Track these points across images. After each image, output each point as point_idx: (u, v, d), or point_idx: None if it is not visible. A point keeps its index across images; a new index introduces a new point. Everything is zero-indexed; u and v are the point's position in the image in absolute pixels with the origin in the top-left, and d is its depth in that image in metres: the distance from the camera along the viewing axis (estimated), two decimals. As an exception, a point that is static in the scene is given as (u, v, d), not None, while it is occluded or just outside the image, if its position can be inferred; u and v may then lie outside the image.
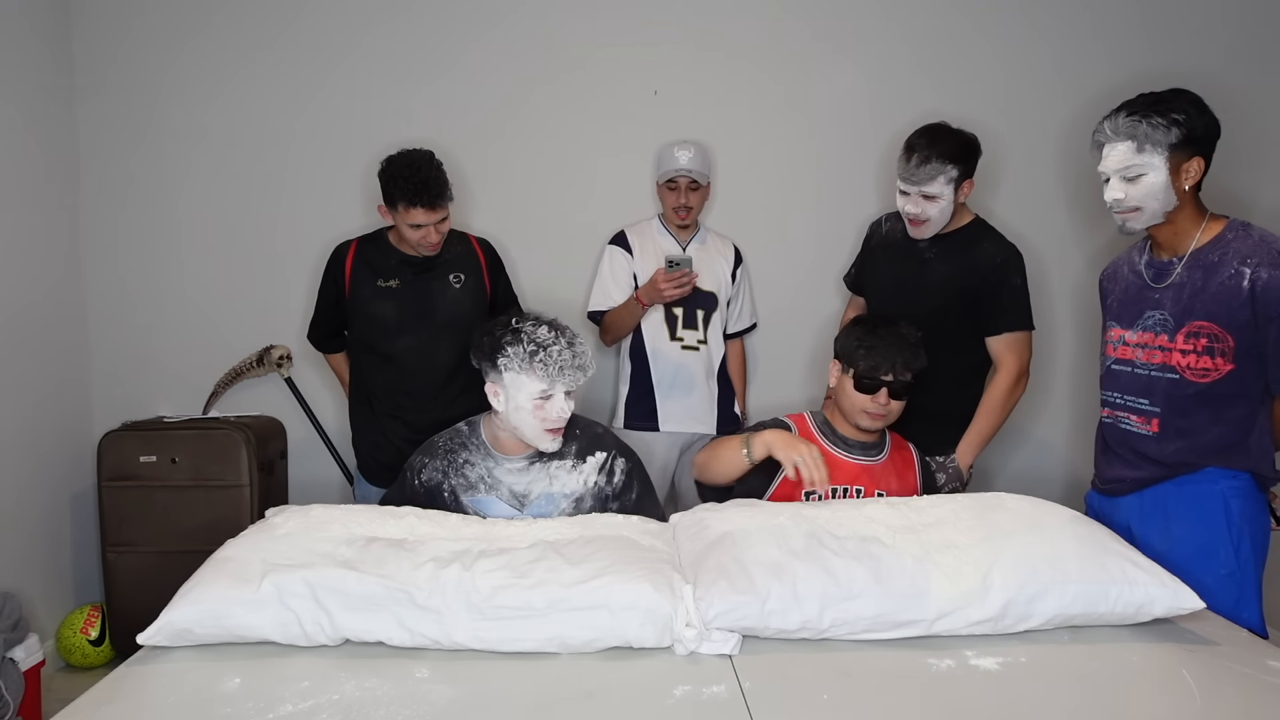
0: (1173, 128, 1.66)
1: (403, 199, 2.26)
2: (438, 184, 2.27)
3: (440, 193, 2.28)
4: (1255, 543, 1.73)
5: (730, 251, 2.84)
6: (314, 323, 2.62)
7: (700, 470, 2.04)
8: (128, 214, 3.02)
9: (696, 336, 2.70)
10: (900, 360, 1.95)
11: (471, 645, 1.41)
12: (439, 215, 2.30)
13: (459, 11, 3.00)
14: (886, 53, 3.03)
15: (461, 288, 2.48)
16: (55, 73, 2.90)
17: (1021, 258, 2.30)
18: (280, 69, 3.00)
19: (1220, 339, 1.68)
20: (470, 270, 2.51)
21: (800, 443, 1.84)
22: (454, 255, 2.49)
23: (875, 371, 1.94)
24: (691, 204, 2.71)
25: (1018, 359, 2.29)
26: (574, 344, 1.88)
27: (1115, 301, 1.91)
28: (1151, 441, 1.79)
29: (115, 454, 2.78)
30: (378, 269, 2.44)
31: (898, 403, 1.98)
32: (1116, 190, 1.73)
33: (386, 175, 2.30)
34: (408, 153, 2.31)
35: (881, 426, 2.01)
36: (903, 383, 1.96)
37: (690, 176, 2.66)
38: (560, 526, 1.71)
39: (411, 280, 2.43)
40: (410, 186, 2.24)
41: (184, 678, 1.36)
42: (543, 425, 1.86)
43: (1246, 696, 1.29)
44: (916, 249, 2.32)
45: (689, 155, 2.67)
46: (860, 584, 1.45)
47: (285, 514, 1.75)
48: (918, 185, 2.17)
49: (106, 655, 2.85)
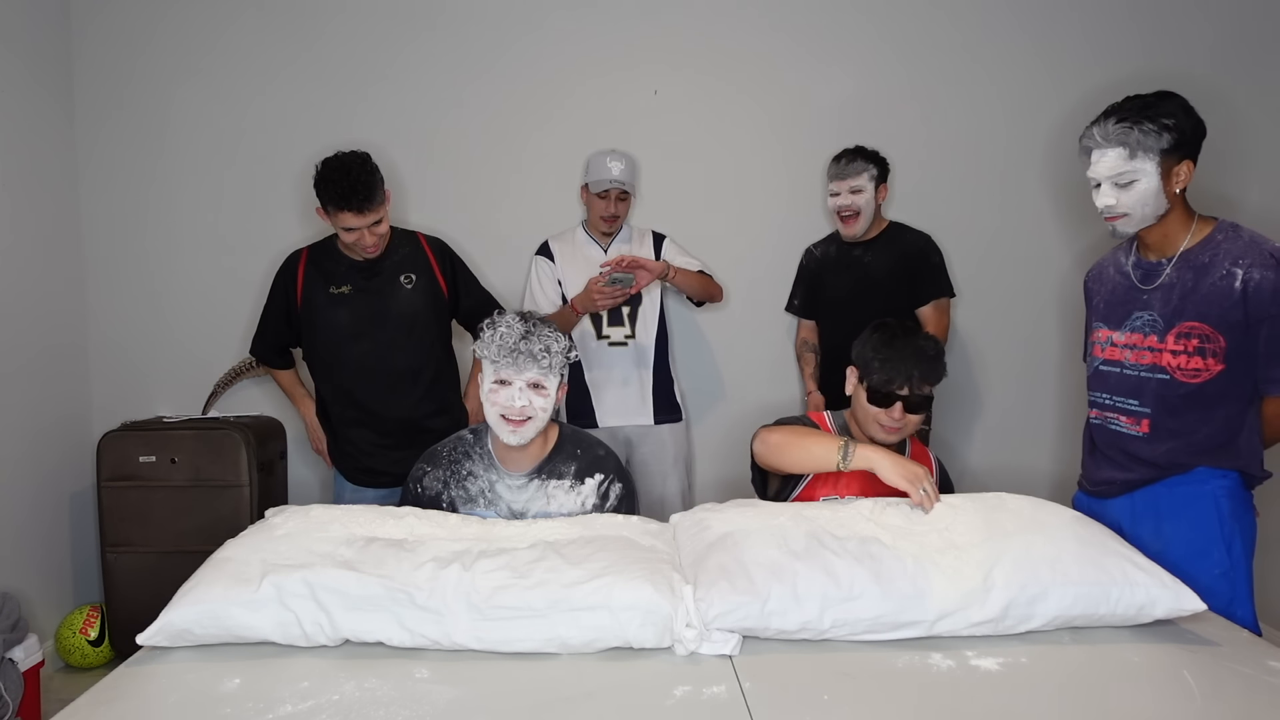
0: (1164, 133, 1.66)
1: (332, 203, 2.25)
2: (366, 187, 2.24)
3: (369, 196, 2.25)
4: (1246, 541, 1.75)
5: (649, 240, 2.88)
6: (259, 335, 2.61)
7: (771, 450, 1.88)
8: (128, 214, 3.02)
9: (623, 332, 2.77)
10: (918, 373, 1.84)
11: (471, 645, 1.41)
12: (370, 218, 2.28)
13: (460, 11, 3.01)
14: (879, 56, 3.05)
15: (413, 288, 2.47)
16: (55, 73, 2.90)
17: (933, 240, 2.78)
18: (280, 69, 3.00)
19: (1211, 339, 1.69)
20: (420, 269, 2.49)
21: (913, 465, 1.70)
22: (402, 256, 2.48)
23: (889, 385, 1.85)
24: (620, 213, 2.79)
25: (939, 324, 2.74)
26: (532, 332, 1.84)
27: (1101, 302, 1.91)
28: (1142, 442, 1.79)
29: (115, 454, 2.78)
30: (329, 276, 2.43)
31: (914, 416, 1.88)
32: (1108, 196, 1.73)
33: (318, 178, 2.28)
34: (341, 156, 2.28)
35: (896, 440, 1.91)
36: (920, 396, 1.86)
37: (621, 187, 2.74)
38: (560, 527, 1.71)
39: (363, 285, 2.43)
40: (339, 190, 2.22)
41: (184, 678, 1.36)
42: (498, 412, 1.84)
43: (1247, 697, 1.28)
44: (854, 257, 2.77)
45: (621, 167, 2.75)
46: (861, 585, 1.45)
47: (285, 514, 1.74)
48: (846, 180, 2.67)
49: (106, 655, 2.85)
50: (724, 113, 3.06)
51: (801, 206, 3.08)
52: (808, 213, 3.07)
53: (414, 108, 3.02)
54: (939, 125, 3.06)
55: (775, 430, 1.91)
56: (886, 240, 2.77)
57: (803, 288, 2.95)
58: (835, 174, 2.70)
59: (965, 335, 3.11)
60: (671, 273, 2.64)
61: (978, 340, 3.13)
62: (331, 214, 2.29)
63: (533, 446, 1.90)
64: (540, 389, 1.84)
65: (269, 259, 3.02)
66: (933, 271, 2.75)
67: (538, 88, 3.04)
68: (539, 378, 1.83)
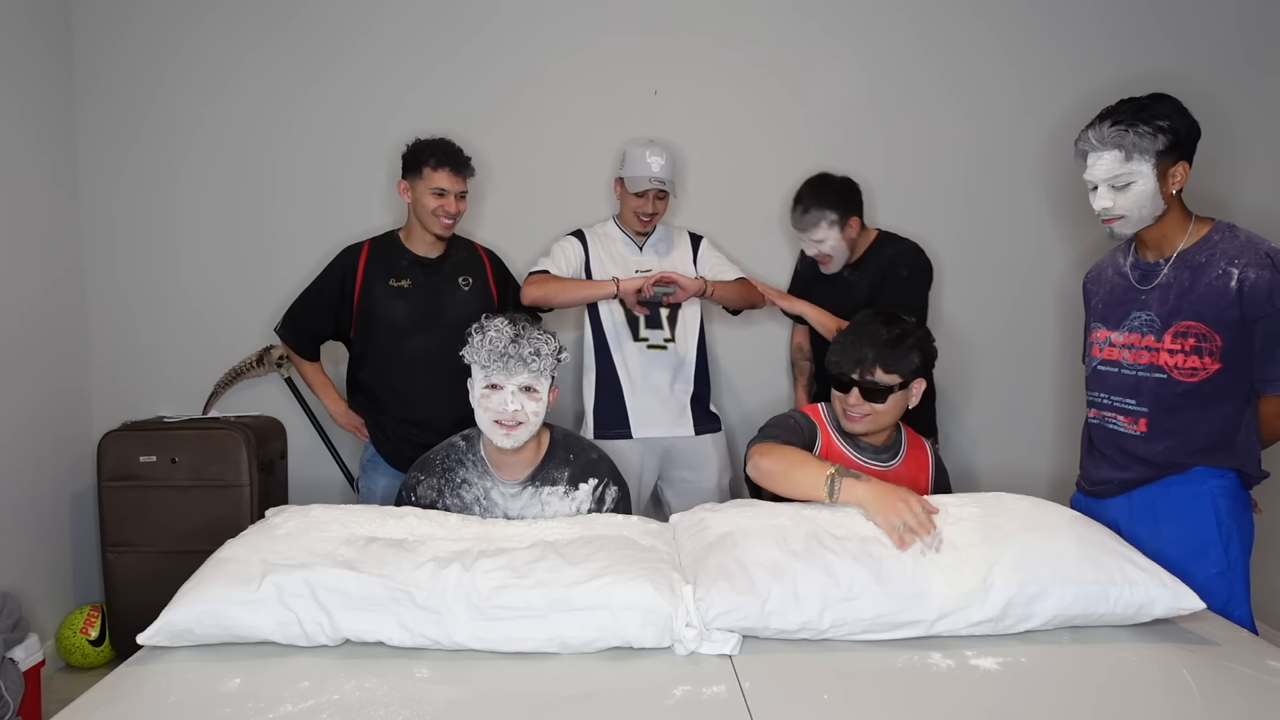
0: (1159, 135, 1.67)
1: (431, 159, 2.36)
2: (464, 154, 2.42)
3: (466, 161, 2.41)
4: (1243, 540, 1.75)
5: (685, 241, 2.72)
6: (292, 320, 2.54)
7: (763, 476, 1.80)
8: (128, 214, 3.02)
9: (662, 335, 2.58)
10: (870, 356, 1.79)
11: (471, 645, 1.41)
12: (461, 184, 2.40)
13: (459, 10, 3.01)
14: (878, 57, 3.05)
15: (470, 290, 2.51)
16: (55, 72, 2.90)
17: (917, 253, 2.50)
18: (279, 69, 3.00)
19: (1208, 338, 1.69)
20: (477, 274, 2.55)
21: (898, 498, 1.59)
22: (461, 259, 2.54)
23: (839, 368, 1.82)
24: (658, 212, 2.60)
25: None
26: (521, 335, 1.81)
27: (1100, 303, 1.91)
28: (1140, 441, 1.80)
29: (115, 454, 2.78)
30: (390, 269, 2.46)
31: (879, 405, 1.83)
32: (1105, 199, 1.73)
33: (414, 146, 2.42)
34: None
35: (863, 430, 1.89)
36: (874, 384, 1.81)
37: (660, 187, 2.54)
38: (560, 527, 1.71)
39: (423, 281, 2.46)
40: (440, 150, 2.38)
41: (184, 678, 1.36)
42: (490, 417, 1.83)
43: (1246, 696, 1.29)
44: (839, 276, 2.55)
45: (661, 163, 2.54)
46: (860, 584, 1.45)
47: (285, 514, 1.75)
48: (806, 231, 2.46)
49: (106, 655, 2.85)
50: (724, 113, 3.05)
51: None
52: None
53: (415, 107, 3.01)
54: (937, 127, 3.06)
55: (767, 455, 1.80)
56: (870, 257, 2.55)
57: (795, 291, 2.83)
58: (795, 223, 2.50)
59: (965, 336, 3.11)
60: (710, 289, 2.48)
61: (977, 341, 3.13)
62: (426, 174, 2.37)
63: (526, 452, 1.90)
64: (532, 392, 1.83)
65: (270, 259, 3.04)
66: (898, 285, 2.48)
67: (538, 87, 3.04)
68: (530, 381, 1.82)
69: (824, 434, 1.94)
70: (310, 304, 2.51)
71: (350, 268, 2.46)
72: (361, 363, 2.52)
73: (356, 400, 2.57)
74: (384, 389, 2.48)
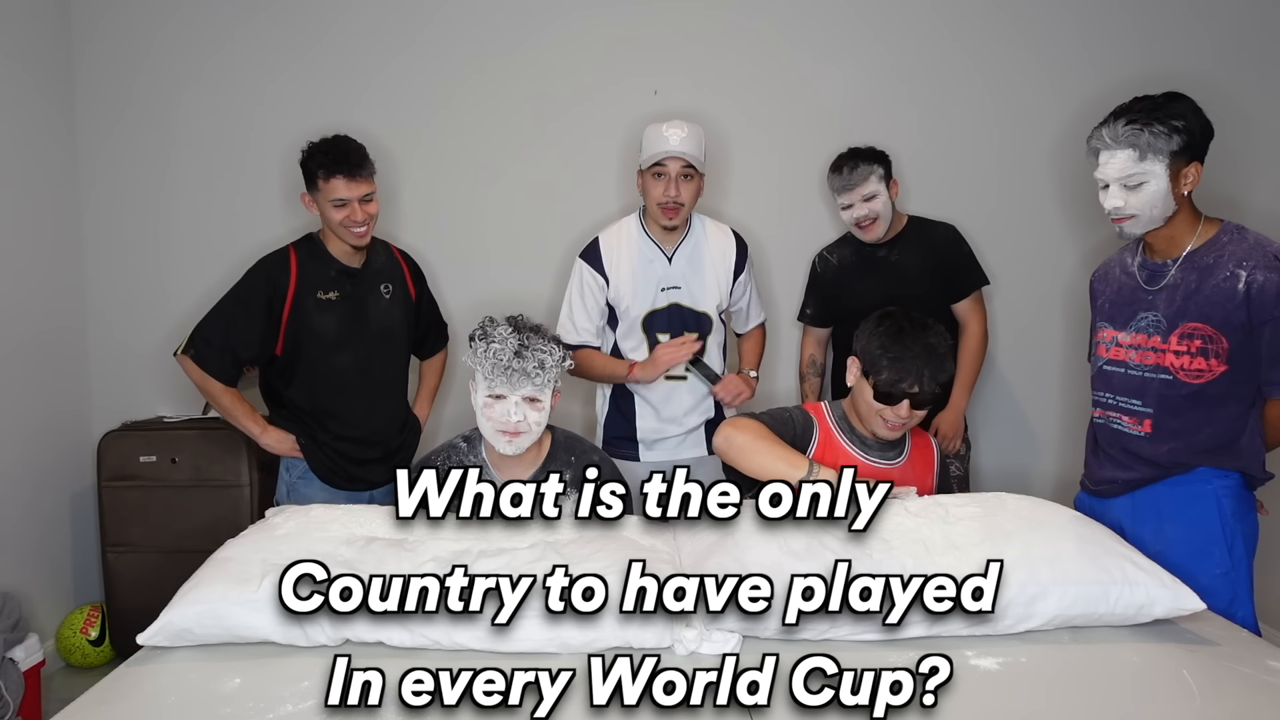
0: (1174, 135, 1.65)
1: (321, 167, 2.13)
2: (357, 153, 2.16)
3: (360, 161, 2.16)
4: (1247, 541, 1.75)
5: (730, 243, 2.43)
6: (209, 340, 2.19)
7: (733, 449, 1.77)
8: (128, 214, 3.02)
9: (683, 367, 2.36)
10: (928, 372, 1.77)
11: (472, 645, 1.41)
12: (361, 188, 2.16)
13: (439, 9, 3.01)
14: (881, 57, 3.04)
15: (391, 298, 2.36)
16: (55, 74, 2.90)
17: (958, 230, 2.64)
18: (288, 71, 3.00)
19: (1214, 340, 1.69)
20: (396, 280, 2.39)
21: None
22: (381, 264, 2.37)
23: (899, 384, 1.77)
24: (683, 198, 2.25)
25: (981, 315, 2.62)
26: (525, 349, 1.79)
27: (1107, 303, 1.91)
28: (1144, 442, 1.79)
29: (115, 454, 2.78)
30: (319, 280, 2.24)
31: (919, 411, 1.82)
32: (1116, 198, 1.72)
33: (305, 154, 2.18)
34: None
35: (900, 436, 1.86)
36: (929, 393, 1.79)
37: (683, 159, 2.20)
38: (560, 527, 1.71)
39: (350, 292, 2.28)
40: (330, 154, 2.14)
41: (184, 678, 1.36)
42: (493, 426, 1.83)
43: (1246, 696, 1.28)
44: (879, 259, 2.57)
45: (681, 135, 2.20)
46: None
47: (285, 514, 1.75)
48: (855, 188, 2.45)
49: (106, 655, 2.86)
50: (724, 113, 3.04)
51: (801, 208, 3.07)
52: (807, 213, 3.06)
53: (415, 108, 3.01)
54: (943, 125, 3.04)
55: (743, 429, 1.77)
56: (912, 236, 2.57)
57: (816, 296, 2.75)
58: (840, 185, 2.47)
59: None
60: (752, 390, 2.38)
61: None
62: (320, 186, 2.15)
63: (527, 455, 1.90)
64: (535, 403, 1.83)
65: (269, 259, 3.04)
66: (967, 261, 2.59)
67: (537, 87, 3.04)
68: (534, 393, 1.82)
69: (824, 433, 1.93)
70: (233, 320, 2.19)
71: (280, 280, 2.21)
72: (288, 380, 2.28)
73: (280, 416, 2.34)
74: (316, 408, 2.28)
